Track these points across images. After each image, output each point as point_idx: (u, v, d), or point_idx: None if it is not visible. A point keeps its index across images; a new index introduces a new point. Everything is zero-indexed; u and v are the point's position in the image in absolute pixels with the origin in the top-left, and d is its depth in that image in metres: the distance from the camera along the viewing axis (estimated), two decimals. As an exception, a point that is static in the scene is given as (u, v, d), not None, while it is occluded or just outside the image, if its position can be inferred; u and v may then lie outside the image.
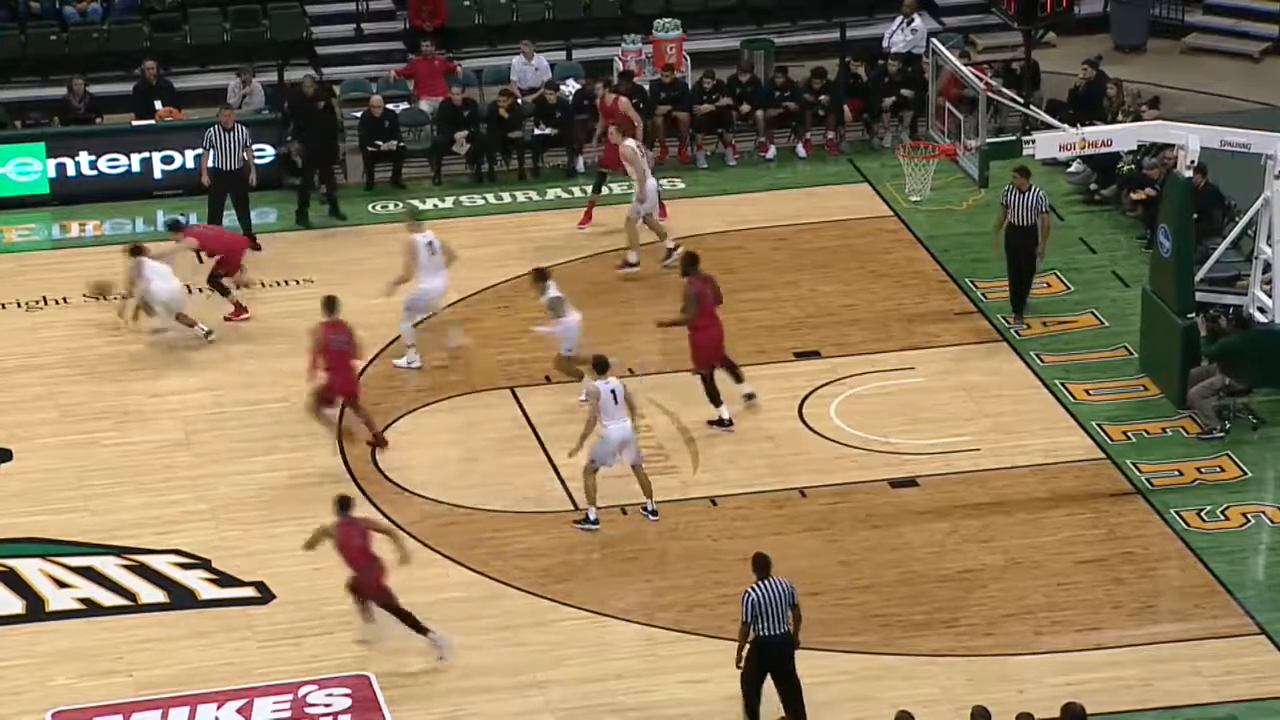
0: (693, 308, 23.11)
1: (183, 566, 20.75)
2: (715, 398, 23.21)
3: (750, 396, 23.53)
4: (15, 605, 20.16)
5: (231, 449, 22.73)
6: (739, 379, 23.56)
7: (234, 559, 20.84)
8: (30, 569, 20.64)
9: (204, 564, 20.82)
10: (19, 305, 25.89)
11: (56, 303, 25.87)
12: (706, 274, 23.54)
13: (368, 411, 22.67)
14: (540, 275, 23.64)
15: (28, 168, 28.66)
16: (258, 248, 27.17)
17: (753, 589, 18.08)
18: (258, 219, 27.92)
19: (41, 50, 31.20)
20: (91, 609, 20.15)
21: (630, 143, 26.73)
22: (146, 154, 28.92)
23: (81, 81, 29.92)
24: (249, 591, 20.44)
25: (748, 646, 18.11)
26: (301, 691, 18.87)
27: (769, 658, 18.10)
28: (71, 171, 28.78)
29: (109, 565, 20.74)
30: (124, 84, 30.40)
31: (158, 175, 28.95)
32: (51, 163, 28.71)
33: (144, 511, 21.59)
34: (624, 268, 26.49)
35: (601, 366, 21.33)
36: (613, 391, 21.17)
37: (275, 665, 19.29)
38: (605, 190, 28.00)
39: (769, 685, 18.26)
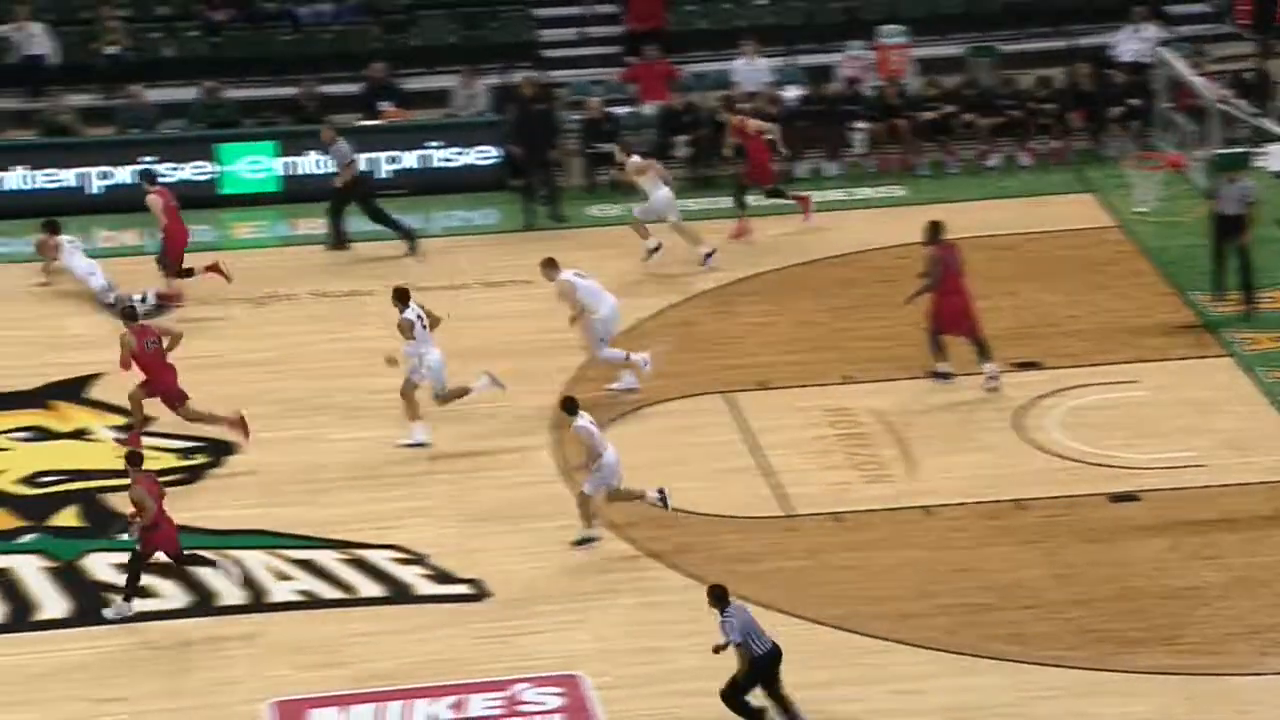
0: (935, 274, 23.18)
1: (401, 562, 20.98)
2: (940, 353, 23.46)
3: (993, 379, 23.52)
4: (238, 596, 20.51)
5: (450, 447, 22.95)
6: (986, 358, 23.47)
7: (451, 556, 21.03)
8: (254, 561, 20.98)
9: (421, 560, 21.05)
10: (247, 300, 26.34)
11: (283, 299, 26.29)
12: (950, 242, 23.48)
13: (196, 411, 22.66)
14: (401, 295, 22.89)
15: (259, 165, 29.19)
16: (345, 247, 27.41)
17: (729, 616, 17.86)
18: (480, 219, 28.21)
19: (274, 50, 31.76)
20: (312, 601, 20.45)
21: (635, 158, 26.62)
22: (372, 154, 29.33)
23: (313, 81, 30.42)
24: (465, 588, 20.61)
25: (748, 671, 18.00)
26: (514, 689, 18.99)
27: (770, 670, 18.00)
28: (301, 170, 29.27)
29: (329, 559, 21.03)
30: (352, 84, 30.87)
31: (383, 174, 29.35)
32: (281, 161, 29.21)
33: (364, 507, 21.86)
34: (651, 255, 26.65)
35: (571, 408, 21.00)
36: (592, 423, 21.02)
37: (489, 662, 19.43)
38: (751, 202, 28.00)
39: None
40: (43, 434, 23.15)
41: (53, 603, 20.29)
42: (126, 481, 22.09)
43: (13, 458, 22.58)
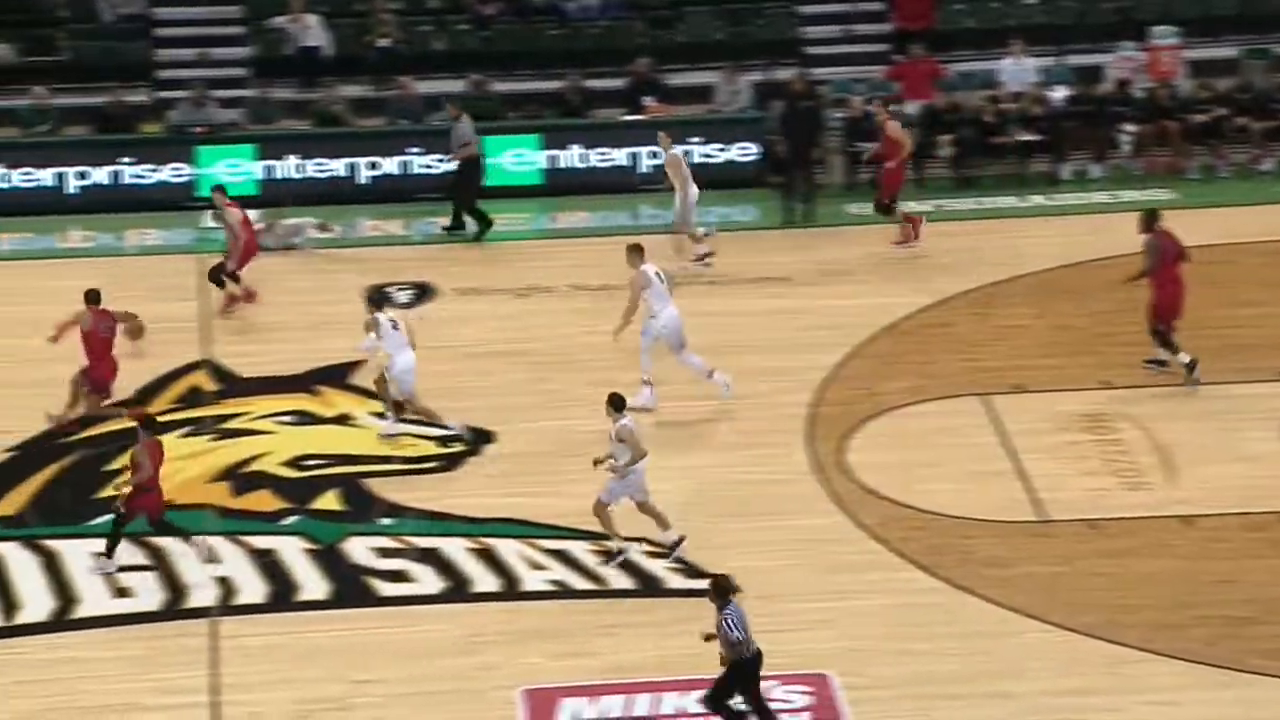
0: (1152, 260, 23.20)
1: (651, 555, 21.08)
2: (1171, 348, 23.35)
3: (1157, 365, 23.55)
4: (492, 583, 20.75)
5: (707, 442, 23.01)
6: (1173, 351, 23.57)
7: (702, 551, 21.07)
8: (507, 549, 21.22)
9: (671, 554, 21.11)
10: (508, 292, 26.63)
11: (543, 291, 26.55)
12: (1168, 230, 23.34)
13: (102, 408, 22.80)
14: (374, 301, 22.74)
15: (523, 159, 29.52)
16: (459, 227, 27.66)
17: (728, 614, 17.70)
18: (739, 215, 28.26)
19: (541, 45, 32.08)
20: (563, 591, 20.62)
21: (676, 150, 26.30)
22: (634, 149, 29.53)
23: (578, 76, 30.69)
24: (715, 583, 20.66)
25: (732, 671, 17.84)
26: (762, 686, 18.97)
27: (753, 675, 17.88)
28: (563, 163, 29.54)
29: (581, 550, 21.19)
30: (617, 79, 31.08)
31: (644, 169, 29.53)
32: (545, 154, 29.51)
33: (617, 499, 22.00)
34: (700, 260, 26.45)
35: (618, 404, 20.57)
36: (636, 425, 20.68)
37: (737, 658, 19.46)
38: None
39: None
40: (307, 418, 23.62)
41: (313, 584, 20.69)
42: (389, 468, 22.52)
43: (278, 440, 23.05)
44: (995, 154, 29.34)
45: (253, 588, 20.56)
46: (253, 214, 26.42)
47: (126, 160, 29.01)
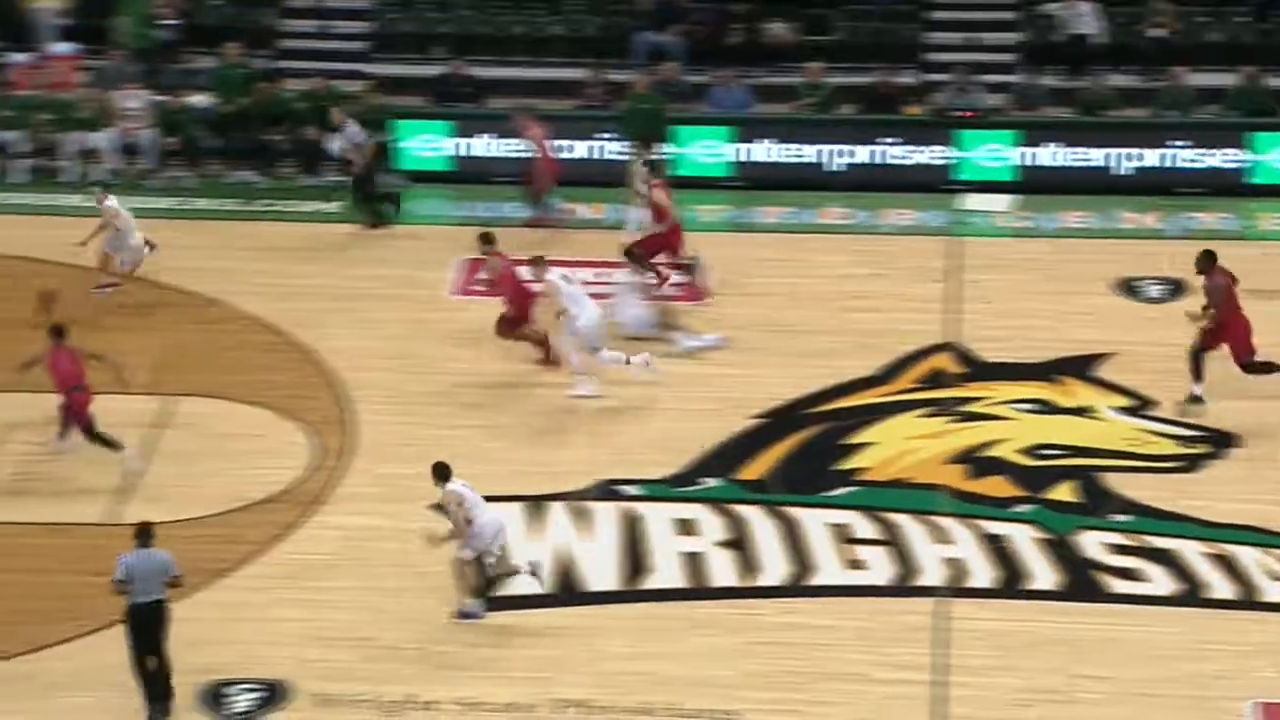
0: (1218, 300, 22.25)
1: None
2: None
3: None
4: (1228, 591, 20.12)
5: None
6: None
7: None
8: (1246, 557, 20.54)
9: None
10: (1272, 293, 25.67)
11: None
12: (1225, 269, 22.20)
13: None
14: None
15: None
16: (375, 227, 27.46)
17: (124, 556, 18.09)
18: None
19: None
20: (1305, 606, 19.87)
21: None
22: None
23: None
24: None
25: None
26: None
27: (139, 623, 18.10)
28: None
29: (1327, 565, 20.39)
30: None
31: None
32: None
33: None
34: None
35: (444, 474, 19.36)
36: (465, 485, 19.52)
37: None
38: None
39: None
40: (1047, 407, 23.40)
41: (1043, 574, 20.49)
42: (1128, 464, 22.16)
43: (1016, 428, 22.94)
44: None
45: (982, 572, 20.52)
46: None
47: (888, 140, 29.37)
